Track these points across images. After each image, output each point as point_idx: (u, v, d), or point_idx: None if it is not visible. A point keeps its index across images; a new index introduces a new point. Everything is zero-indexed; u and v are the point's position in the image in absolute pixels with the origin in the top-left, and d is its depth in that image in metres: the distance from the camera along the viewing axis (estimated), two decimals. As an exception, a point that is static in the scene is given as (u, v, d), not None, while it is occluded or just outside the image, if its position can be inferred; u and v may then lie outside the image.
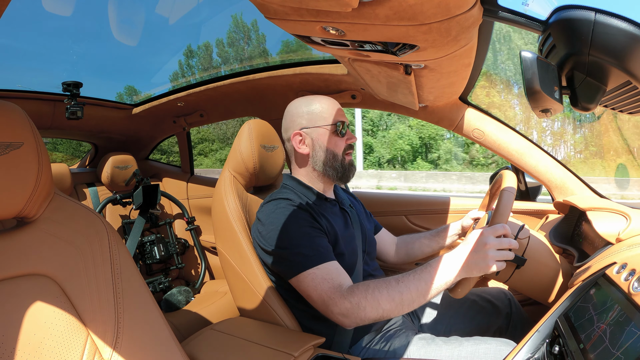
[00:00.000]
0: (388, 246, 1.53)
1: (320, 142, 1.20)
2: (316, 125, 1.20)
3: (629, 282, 0.72)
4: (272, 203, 1.16)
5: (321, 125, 1.20)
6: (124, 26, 2.99)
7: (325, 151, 1.20)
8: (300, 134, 1.21)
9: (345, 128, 1.22)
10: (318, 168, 1.22)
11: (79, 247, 0.78)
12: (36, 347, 0.67)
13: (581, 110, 0.73)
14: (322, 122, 1.20)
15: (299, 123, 1.22)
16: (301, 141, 1.21)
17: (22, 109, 0.72)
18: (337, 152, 1.21)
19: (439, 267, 0.94)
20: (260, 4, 0.70)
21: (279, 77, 1.76)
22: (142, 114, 2.36)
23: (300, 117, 1.22)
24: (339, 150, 1.21)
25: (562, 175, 1.49)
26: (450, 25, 0.71)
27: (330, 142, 1.21)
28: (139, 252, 2.20)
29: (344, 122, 1.21)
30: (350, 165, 1.24)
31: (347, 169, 1.23)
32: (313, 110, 1.21)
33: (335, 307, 0.96)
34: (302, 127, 1.21)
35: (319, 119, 1.20)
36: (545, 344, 0.82)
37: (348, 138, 1.23)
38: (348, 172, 1.23)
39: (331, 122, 1.20)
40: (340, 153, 1.21)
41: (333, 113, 1.21)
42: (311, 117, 1.21)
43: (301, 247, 1.04)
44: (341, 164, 1.22)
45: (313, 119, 1.21)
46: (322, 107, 1.21)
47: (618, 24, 0.60)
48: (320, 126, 1.20)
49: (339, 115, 1.22)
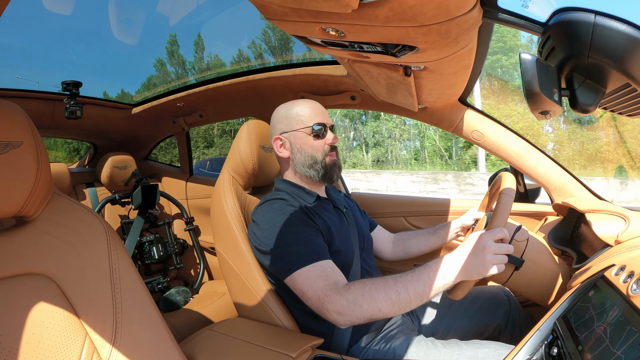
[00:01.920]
0: (384, 243, 1.54)
1: (298, 145, 1.23)
2: (294, 129, 1.23)
3: (627, 284, 0.73)
4: (266, 204, 1.17)
5: (298, 129, 1.22)
6: (124, 25, 3.00)
7: (303, 154, 1.23)
8: (280, 139, 1.25)
9: (326, 130, 1.23)
10: (299, 170, 1.24)
11: (77, 247, 0.77)
12: (34, 347, 0.67)
13: (580, 112, 0.73)
14: (300, 125, 1.22)
15: (278, 128, 1.25)
16: (281, 145, 1.25)
17: (22, 108, 0.72)
18: (316, 154, 1.22)
19: (438, 269, 0.94)
20: (260, 5, 0.70)
21: (278, 77, 1.76)
22: (142, 114, 2.36)
23: (279, 122, 1.25)
24: (318, 152, 1.23)
25: (561, 177, 1.49)
26: (450, 27, 0.71)
27: (308, 144, 1.22)
28: (138, 252, 2.20)
29: (324, 124, 1.23)
30: (332, 165, 1.24)
31: (329, 170, 1.24)
32: (291, 114, 1.24)
33: (331, 304, 0.96)
34: (281, 132, 1.25)
35: (296, 122, 1.23)
36: (543, 345, 0.82)
37: (328, 140, 1.24)
38: (331, 172, 1.24)
39: (309, 124, 1.22)
40: (320, 155, 1.23)
41: (312, 116, 1.23)
42: (289, 121, 1.24)
43: (295, 246, 1.05)
44: (322, 166, 1.23)
45: (290, 123, 1.23)
46: (300, 111, 1.23)
47: (618, 27, 0.60)
48: (297, 129, 1.22)
49: (318, 117, 1.23)
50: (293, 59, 1.93)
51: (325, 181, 1.24)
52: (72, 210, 0.81)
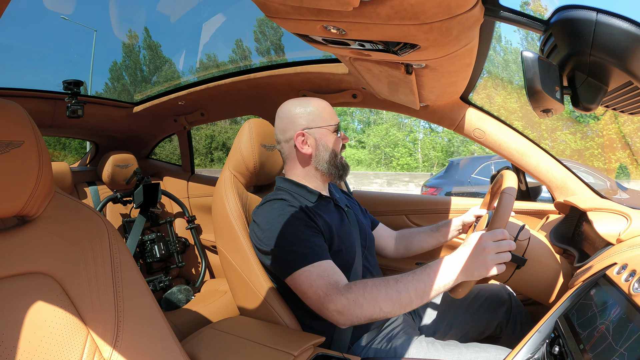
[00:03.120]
0: (386, 240, 1.54)
1: (323, 142, 1.23)
2: (318, 126, 1.22)
3: (629, 282, 0.72)
4: (267, 204, 1.18)
5: (323, 126, 1.23)
6: (125, 24, 2.99)
7: (328, 150, 1.23)
8: (303, 134, 1.22)
9: (340, 128, 1.27)
10: (321, 167, 1.24)
11: (79, 246, 0.78)
12: (36, 346, 0.67)
13: (582, 110, 0.72)
14: (323, 123, 1.23)
15: (299, 124, 1.23)
16: (304, 141, 1.22)
17: (23, 107, 0.72)
18: (338, 151, 1.25)
19: (438, 269, 0.94)
20: (262, 3, 0.69)
21: (280, 75, 1.76)
22: (143, 113, 2.36)
23: (300, 117, 1.23)
24: (338, 149, 1.25)
25: (562, 176, 1.49)
26: (451, 25, 0.71)
27: (332, 141, 1.24)
28: (140, 251, 2.20)
29: (338, 122, 1.26)
30: (346, 163, 1.29)
31: (346, 167, 1.28)
32: (312, 111, 1.23)
33: (331, 304, 0.96)
34: (304, 128, 1.22)
35: (319, 119, 1.23)
36: (545, 344, 0.81)
37: (343, 138, 1.28)
38: (346, 170, 1.28)
39: (331, 122, 1.24)
40: (339, 152, 1.26)
41: (331, 113, 1.26)
42: (311, 117, 1.23)
43: (296, 246, 1.05)
44: (340, 163, 1.26)
45: (314, 120, 1.23)
46: (320, 108, 1.24)
47: (620, 24, 0.60)
48: (322, 126, 1.23)
49: (335, 116, 1.27)
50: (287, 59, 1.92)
51: (340, 179, 1.28)
52: (74, 209, 0.81)
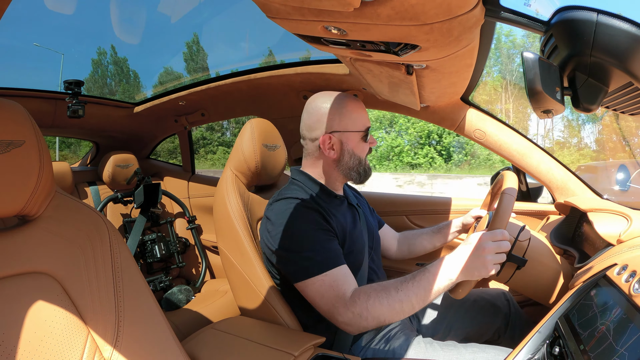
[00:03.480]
0: (390, 242, 1.54)
1: (349, 147, 1.16)
2: (347, 130, 1.15)
3: (629, 283, 0.72)
4: (282, 202, 1.11)
5: (352, 130, 1.15)
6: (126, 25, 2.99)
7: (353, 156, 1.17)
8: (330, 138, 1.15)
9: (369, 132, 1.19)
10: (343, 172, 1.18)
11: (80, 246, 0.78)
12: (37, 346, 0.67)
13: (583, 111, 0.73)
14: (353, 127, 1.15)
15: (329, 125, 1.15)
16: (330, 145, 1.15)
17: (24, 107, 0.72)
18: (363, 157, 1.19)
19: (438, 272, 0.94)
20: (262, 4, 0.69)
21: (280, 76, 1.76)
22: (144, 113, 2.37)
23: (331, 118, 1.15)
24: (364, 155, 1.19)
25: (563, 176, 1.49)
26: (452, 26, 0.71)
27: (358, 147, 1.17)
28: (140, 251, 2.20)
29: (369, 126, 1.19)
30: (369, 168, 1.22)
31: (368, 173, 1.21)
32: (344, 112, 1.15)
33: (340, 317, 0.98)
34: (332, 130, 1.15)
35: (350, 123, 1.15)
36: (545, 344, 0.81)
37: (371, 142, 1.21)
38: (368, 175, 1.22)
39: (361, 128, 1.16)
40: (364, 158, 1.19)
41: (363, 117, 1.18)
42: (342, 120, 1.15)
43: (311, 252, 1.02)
44: (364, 169, 1.20)
45: (344, 123, 1.15)
46: (353, 110, 1.16)
47: (620, 25, 0.60)
48: (351, 131, 1.15)
49: (367, 119, 1.19)
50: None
51: (361, 183, 1.23)
52: (75, 209, 0.81)
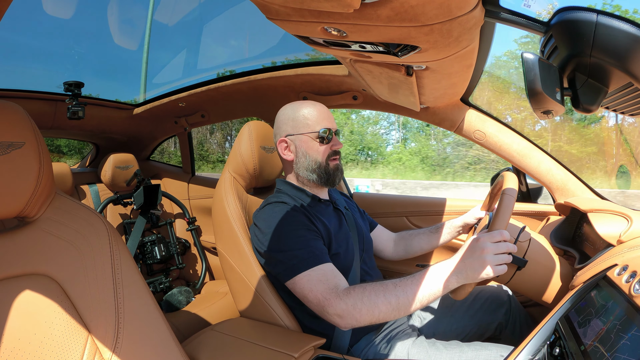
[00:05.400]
0: (385, 242, 1.53)
1: (303, 149, 1.22)
2: (300, 132, 1.21)
3: (630, 284, 0.72)
4: (268, 207, 1.18)
5: (304, 133, 1.21)
6: (124, 30, 2.98)
7: (308, 158, 1.22)
8: (286, 141, 1.23)
9: (331, 134, 1.21)
10: (302, 174, 1.23)
11: (79, 247, 0.78)
12: (36, 347, 0.67)
13: (582, 111, 0.73)
14: (306, 129, 1.21)
15: (284, 130, 1.23)
16: (286, 148, 1.24)
17: (24, 109, 0.73)
18: (320, 159, 1.21)
19: (438, 273, 0.94)
20: (262, 5, 0.70)
21: (280, 77, 1.76)
22: (144, 114, 2.37)
23: (285, 123, 1.23)
24: (322, 157, 1.21)
25: (563, 177, 1.49)
26: (451, 27, 0.71)
27: (313, 149, 1.21)
28: (140, 252, 2.20)
29: (329, 129, 1.21)
30: (335, 170, 1.24)
31: (332, 175, 1.23)
32: (297, 117, 1.22)
33: (331, 308, 0.96)
34: (287, 134, 1.23)
35: (303, 125, 1.21)
36: (545, 345, 0.81)
37: (333, 144, 1.23)
38: (333, 177, 1.23)
39: (315, 129, 1.20)
40: (324, 160, 1.21)
41: (318, 120, 1.21)
42: (295, 123, 1.22)
43: (296, 250, 1.05)
44: (325, 171, 1.22)
45: (297, 126, 1.22)
46: (307, 114, 1.22)
47: (620, 26, 0.60)
48: (303, 133, 1.21)
49: (324, 122, 1.22)
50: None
51: (327, 185, 1.24)
52: (74, 211, 0.81)
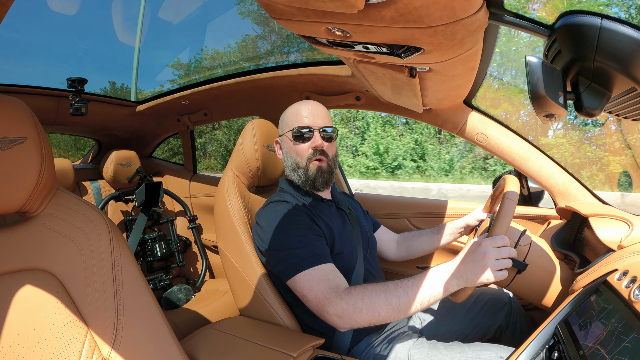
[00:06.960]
0: (388, 243, 1.53)
1: (285, 149, 1.24)
2: (283, 132, 1.24)
3: (630, 289, 0.72)
4: (270, 206, 1.18)
5: (285, 132, 1.23)
6: (128, 27, 2.99)
7: (288, 157, 1.23)
8: (278, 142, 1.29)
9: (310, 133, 1.18)
10: (289, 174, 1.25)
11: (80, 243, 0.78)
12: (35, 342, 0.67)
13: (585, 115, 0.72)
14: (286, 129, 1.23)
15: (279, 130, 1.28)
16: (279, 148, 1.28)
17: (26, 104, 0.73)
18: (298, 160, 1.20)
19: (439, 275, 0.93)
20: (267, 4, 0.70)
21: (283, 77, 1.76)
22: (146, 112, 2.37)
23: (279, 123, 1.28)
24: (300, 157, 1.19)
25: (565, 181, 1.48)
26: (455, 29, 0.71)
27: (291, 148, 1.21)
28: (140, 250, 2.20)
29: (308, 127, 1.17)
30: (315, 172, 1.19)
31: (312, 177, 1.19)
32: (284, 117, 1.25)
33: (331, 307, 0.96)
34: (279, 135, 1.28)
35: (285, 125, 1.24)
36: (544, 349, 0.81)
37: (312, 144, 1.19)
38: (313, 180, 1.20)
39: (291, 127, 1.20)
40: (304, 160, 1.19)
41: (298, 118, 1.19)
42: (282, 124, 1.26)
43: (298, 249, 1.05)
44: (304, 172, 1.19)
45: (282, 126, 1.26)
46: (291, 113, 1.23)
47: (624, 30, 0.60)
48: (284, 133, 1.23)
49: (304, 119, 1.19)
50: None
51: (307, 187, 1.22)
52: (75, 207, 0.81)
